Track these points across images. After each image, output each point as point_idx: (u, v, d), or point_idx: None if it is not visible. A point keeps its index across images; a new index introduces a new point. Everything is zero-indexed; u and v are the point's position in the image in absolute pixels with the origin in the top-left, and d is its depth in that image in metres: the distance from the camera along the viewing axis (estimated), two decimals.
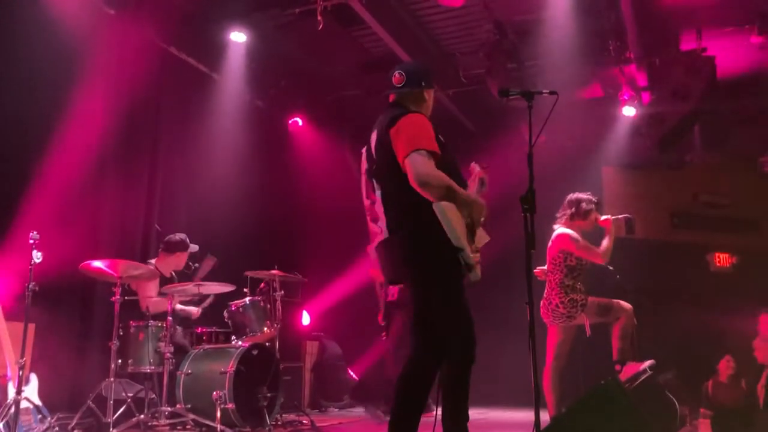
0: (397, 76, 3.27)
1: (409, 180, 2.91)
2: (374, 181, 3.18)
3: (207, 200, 6.75)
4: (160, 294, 5.25)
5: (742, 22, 6.44)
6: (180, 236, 5.60)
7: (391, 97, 3.30)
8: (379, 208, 3.15)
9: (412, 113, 3.10)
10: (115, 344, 4.65)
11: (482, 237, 3.17)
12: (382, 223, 3.14)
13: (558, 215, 5.16)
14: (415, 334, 3.02)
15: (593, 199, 5.12)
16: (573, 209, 5.07)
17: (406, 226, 3.02)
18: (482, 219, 3.11)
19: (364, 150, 3.28)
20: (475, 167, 3.40)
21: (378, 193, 3.15)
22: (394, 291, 6.03)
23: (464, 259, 2.91)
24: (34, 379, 4.46)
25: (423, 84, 3.27)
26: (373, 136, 3.18)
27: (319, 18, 5.87)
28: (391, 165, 3.02)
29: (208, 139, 6.92)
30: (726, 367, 5.80)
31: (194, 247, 5.63)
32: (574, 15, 6.22)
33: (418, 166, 2.89)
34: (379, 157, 3.13)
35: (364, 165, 3.25)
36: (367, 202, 3.25)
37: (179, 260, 5.57)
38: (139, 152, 6.32)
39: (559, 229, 5.05)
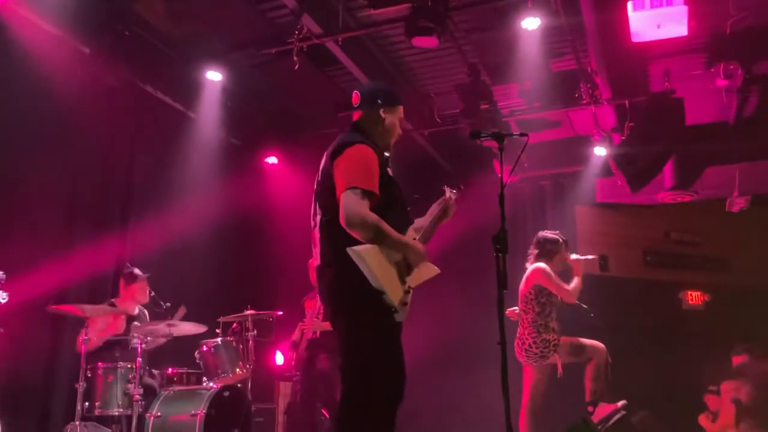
0: (354, 95, 3.26)
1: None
2: (317, 204, 3.10)
3: (181, 238, 6.69)
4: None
5: (708, 66, 6.64)
6: (127, 269, 5.55)
7: (354, 116, 3.27)
8: (317, 235, 3.07)
9: (359, 144, 3.01)
10: (81, 386, 4.55)
11: (427, 271, 3.13)
12: (317, 250, 3.07)
13: (528, 253, 5.21)
14: (343, 376, 2.98)
15: (560, 239, 5.16)
16: (538, 250, 5.12)
17: (334, 262, 2.95)
18: (420, 260, 3.04)
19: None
20: (446, 191, 3.31)
21: (318, 218, 3.07)
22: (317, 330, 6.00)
23: (386, 302, 2.87)
24: None
25: (379, 102, 3.20)
26: (324, 158, 3.12)
27: (295, 58, 5.92)
28: (331, 194, 2.96)
29: (182, 177, 6.89)
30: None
31: (142, 275, 5.53)
32: (545, 57, 6.36)
33: (349, 205, 2.83)
34: (322, 182, 3.06)
35: (315, 186, 3.16)
36: (311, 224, 3.15)
37: (134, 293, 5.48)
38: (112, 190, 6.28)
39: (531, 266, 5.09)
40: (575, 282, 4.98)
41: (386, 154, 3.23)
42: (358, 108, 3.24)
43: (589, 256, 5.22)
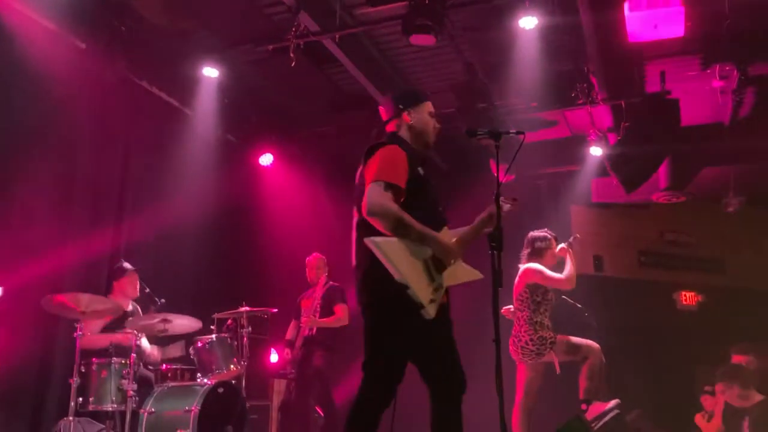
0: (380, 111, 3.38)
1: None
2: (355, 206, 3.16)
3: (176, 235, 6.68)
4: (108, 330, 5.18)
5: (704, 67, 6.66)
6: (117, 265, 5.55)
7: (387, 129, 3.35)
8: (353, 236, 3.14)
9: (389, 145, 3.11)
10: (75, 381, 4.54)
11: (465, 273, 3.12)
12: (353, 251, 3.13)
13: (521, 254, 5.24)
14: (364, 373, 3.01)
15: (549, 236, 5.20)
16: (529, 249, 5.17)
17: (363, 262, 3.01)
18: (451, 258, 3.03)
19: None
20: (501, 202, 3.21)
21: (354, 220, 3.15)
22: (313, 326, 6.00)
23: (412, 296, 2.86)
24: None
25: (401, 107, 3.29)
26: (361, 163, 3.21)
27: (292, 55, 5.91)
28: (362, 196, 3.02)
29: (178, 173, 6.88)
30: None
31: (132, 268, 5.55)
32: (542, 57, 6.36)
33: (371, 195, 2.91)
34: (359, 185, 3.14)
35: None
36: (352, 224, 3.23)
37: (125, 287, 5.48)
38: (107, 186, 6.27)
39: (523, 266, 5.13)
40: (568, 269, 5.03)
41: (426, 152, 3.29)
42: (388, 122, 3.33)
43: (571, 237, 5.28)
